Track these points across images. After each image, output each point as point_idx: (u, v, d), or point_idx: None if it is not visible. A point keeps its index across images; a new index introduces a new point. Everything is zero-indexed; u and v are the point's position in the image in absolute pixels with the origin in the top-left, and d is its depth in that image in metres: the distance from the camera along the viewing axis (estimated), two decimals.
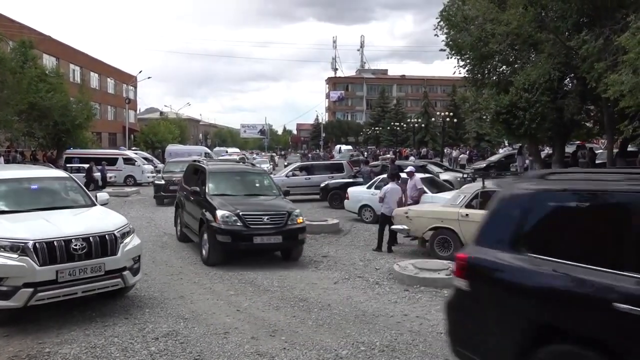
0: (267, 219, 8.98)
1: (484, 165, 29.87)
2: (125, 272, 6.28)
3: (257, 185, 10.75)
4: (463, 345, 3.95)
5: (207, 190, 9.72)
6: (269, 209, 9.34)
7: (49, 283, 5.64)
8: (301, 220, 9.39)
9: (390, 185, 11.04)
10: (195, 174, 11.12)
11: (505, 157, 32.05)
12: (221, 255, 8.99)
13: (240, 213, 8.83)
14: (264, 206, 9.55)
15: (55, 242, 5.71)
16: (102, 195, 7.92)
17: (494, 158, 33.30)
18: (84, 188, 7.84)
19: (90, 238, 5.97)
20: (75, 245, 5.82)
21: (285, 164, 39.40)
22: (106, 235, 6.12)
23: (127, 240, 6.43)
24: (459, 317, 4.04)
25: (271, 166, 38.37)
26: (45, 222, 6.09)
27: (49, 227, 5.96)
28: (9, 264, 5.50)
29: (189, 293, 7.36)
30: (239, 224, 8.77)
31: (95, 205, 7.33)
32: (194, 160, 13.35)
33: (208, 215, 9.07)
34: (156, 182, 19.90)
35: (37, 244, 5.62)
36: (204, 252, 9.22)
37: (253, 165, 15.09)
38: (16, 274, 5.50)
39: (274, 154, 70.04)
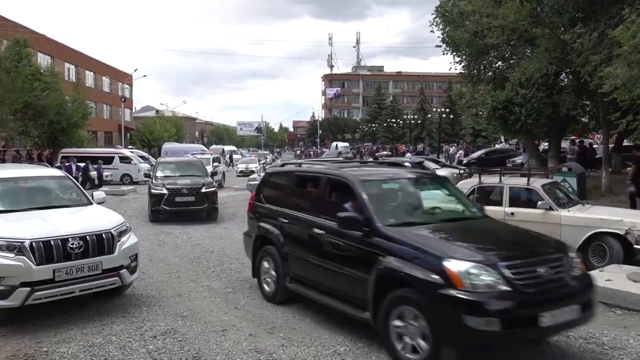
0: (546, 270, 4.63)
1: (464, 161, 30.33)
2: (123, 271, 6.27)
3: (448, 200, 6.31)
4: None
5: (376, 221, 5.23)
6: (529, 247, 5.08)
7: (46, 282, 5.63)
8: (584, 266, 5.25)
9: None
10: (312, 186, 6.48)
11: (485, 153, 32.67)
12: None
13: (500, 263, 4.45)
14: (514, 241, 5.31)
15: (52, 241, 5.70)
16: (99, 194, 7.91)
17: (474, 155, 33.95)
18: (80, 187, 7.82)
19: (87, 237, 5.96)
20: (72, 244, 5.80)
21: (279, 162, 38.14)
22: (103, 234, 6.11)
23: (124, 238, 6.42)
24: None
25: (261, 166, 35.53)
26: (42, 221, 6.07)
27: (45, 226, 5.94)
28: (6, 263, 5.49)
29: (187, 291, 7.35)
30: (503, 286, 4.34)
31: (91, 204, 7.31)
32: (285, 164, 8.30)
33: (415, 271, 4.59)
34: (153, 190, 14.30)
35: (33, 243, 5.60)
36: (402, 349, 4.70)
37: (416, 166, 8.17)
38: (13, 274, 5.49)
39: (266, 151, 65.20)
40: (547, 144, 23.77)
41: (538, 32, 16.46)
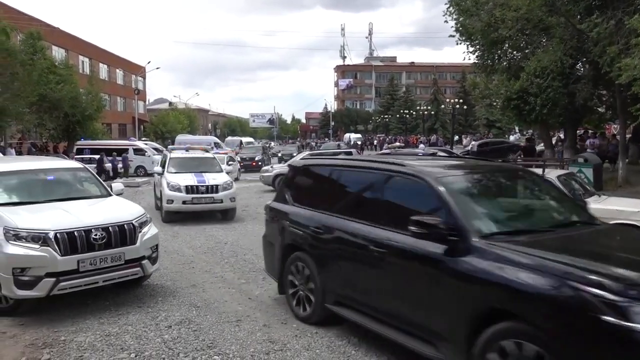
0: None
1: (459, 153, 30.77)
2: (144, 262, 6.37)
3: None
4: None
5: None
6: None
7: (71, 273, 5.73)
8: None
9: None
10: None
11: (478, 145, 33.69)
12: None
13: None
14: None
15: (75, 232, 5.79)
16: (117, 185, 7.99)
17: (468, 147, 34.66)
18: (99, 178, 7.92)
19: (110, 228, 6.05)
20: (95, 235, 5.90)
21: (280, 155, 35.19)
22: (125, 225, 6.20)
23: (145, 229, 6.50)
24: None
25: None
26: (65, 213, 6.16)
27: (68, 217, 6.04)
28: (31, 254, 5.60)
29: (201, 282, 7.45)
30: None
31: (111, 195, 7.41)
32: None
33: None
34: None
35: (58, 234, 5.69)
36: None
37: None
38: (38, 264, 5.59)
39: (266, 143, 55.34)
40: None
41: (553, 21, 16.22)
